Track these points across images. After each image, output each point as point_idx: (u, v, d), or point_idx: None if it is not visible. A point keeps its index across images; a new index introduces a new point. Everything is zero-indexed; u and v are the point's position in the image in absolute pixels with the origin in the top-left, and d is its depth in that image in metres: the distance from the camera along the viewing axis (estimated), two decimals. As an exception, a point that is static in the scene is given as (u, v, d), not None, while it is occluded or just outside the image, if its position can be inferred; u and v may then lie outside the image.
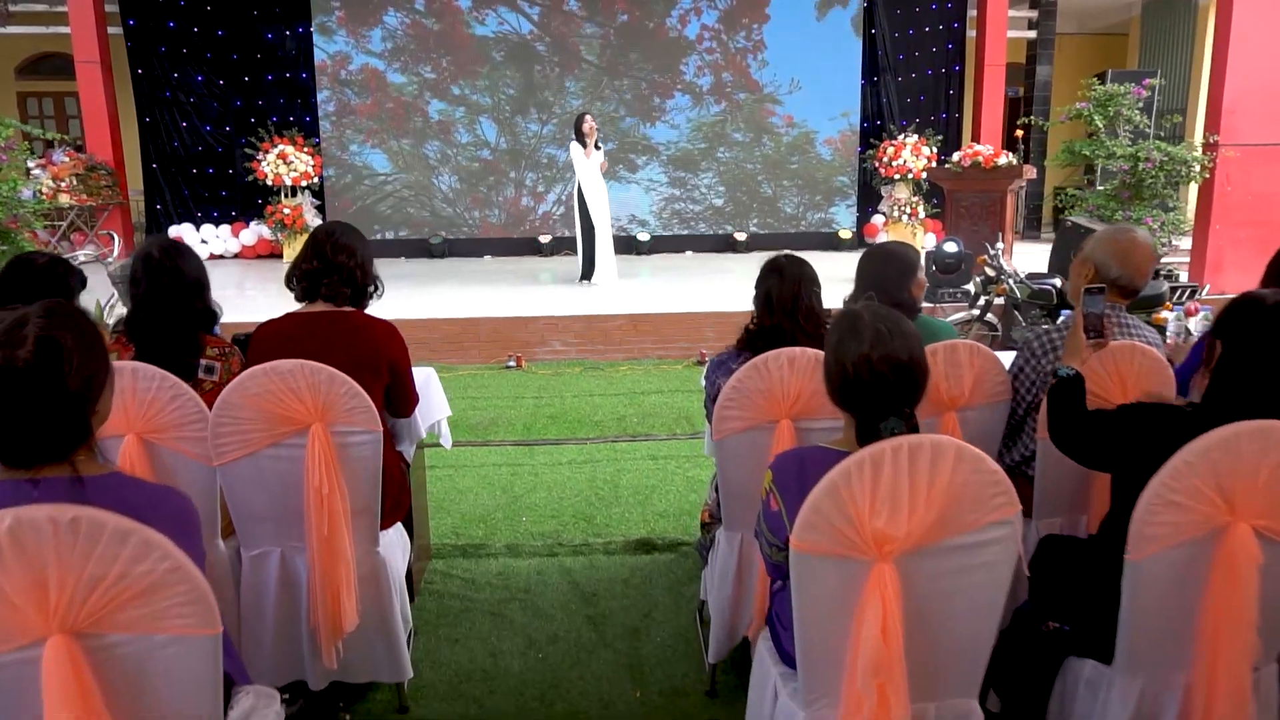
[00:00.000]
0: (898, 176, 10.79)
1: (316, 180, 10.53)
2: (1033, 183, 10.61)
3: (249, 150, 10.32)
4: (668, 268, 10.04)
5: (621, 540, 3.49)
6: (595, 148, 8.07)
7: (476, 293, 8.16)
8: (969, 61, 11.65)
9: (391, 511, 2.47)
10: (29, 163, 9.52)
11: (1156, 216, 7.71)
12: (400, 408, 2.61)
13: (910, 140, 10.77)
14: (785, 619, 1.70)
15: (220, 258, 10.92)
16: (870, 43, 11.49)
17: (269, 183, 10.15)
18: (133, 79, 10.85)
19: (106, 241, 8.96)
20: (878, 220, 11.37)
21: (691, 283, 8.82)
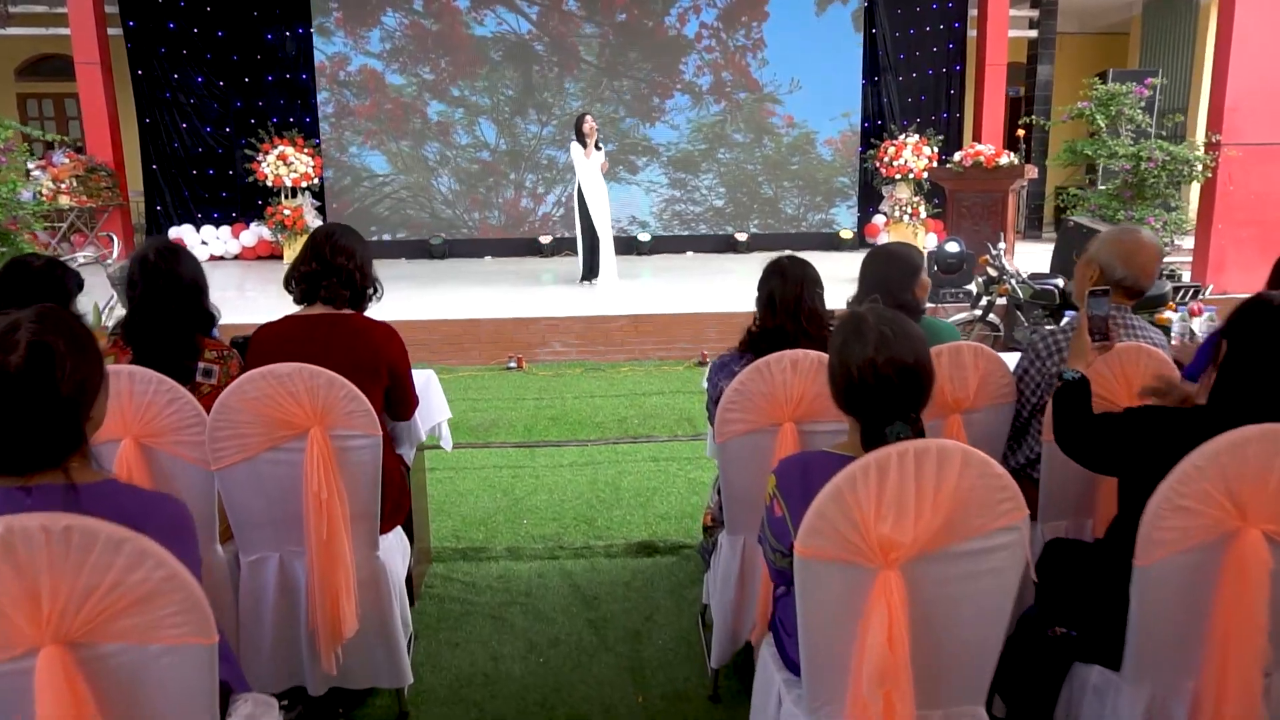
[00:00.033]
0: (899, 176, 10.77)
1: (317, 181, 10.52)
2: (1034, 182, 10.59)
3: (249, 151, 10.31)
4: (668, 268, 10.02)
5: (623, 543, 3.47)
6: (596, 148, 8.04)
7: (477, 294, 8.15)
8: (970, 61, 11.63)
9: (391, 515, 2.45)
10: (29, 164, 9.51)
11: (1159, 216, 7.69)
12: (400, 411, 2.60)
13: (911, 140, 10.74)
14: (789, 625, 1.68)
15: (220, 259, 10.92)
16: (871, 42, 11.48)
17: (269, 184, 10.14)
18: (133, 80, 10.84)
19: (106, 243, 8.95)
20: (879, 220, 11.35)
21: (692, 283, 8.80)
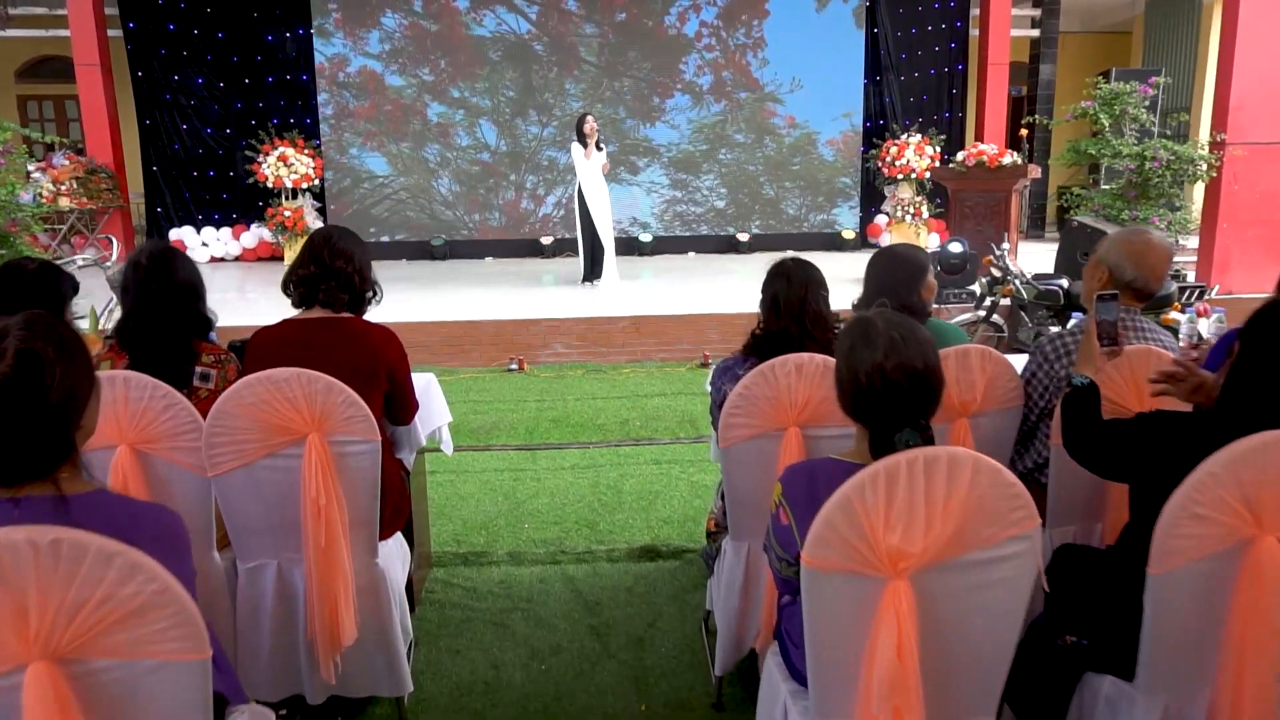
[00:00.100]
0: (901, 176, 10.73)
1: (317, 183, 10.50)
2: (1036, 182, 10.55)
3: (249, 153, 10.28)
4: (670, 269, 9.99)
5: (625, 547, 3.44)
6: (597, 149, 8.01)
7: (478, 295, 8.12)
8: (972, 60, 11.59)
9: (391, 521, 2.42)
10: (29, 166, 9.49)
11: (1163, 216, 7.65)
12: (400, 415, 2.57)
13: (914, 140, 10.71)
14: (795, 635, 1.65)
15: (221, 260, 10.91)
16: (872, 42, 11.44)
17: (269, 185, 10.12)
18: (133, 81, 10.82)
19: (106, 245, 8.93)
20: (881, 220, 11.32)
21: (694, 284, 8.76)
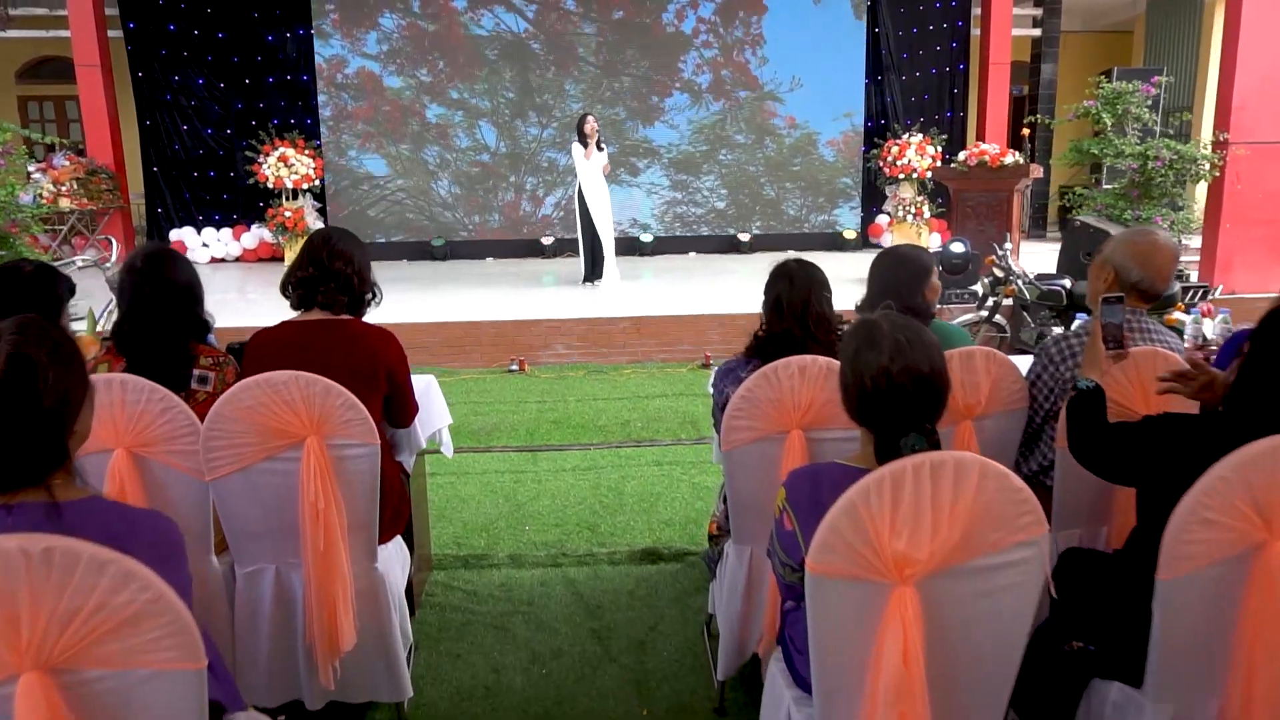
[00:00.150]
0: (902, 176, 10.71)
1: (318, 183, 10.48)
2: (1037, 182, 10.52)
3: (250, 153, 10.27)
4: (671, 269, 9.97)
5: (626, 550, 3.42)
6: (598, 149, 7.99)
7: (478, 295, 8.10)
8: (973, 60, 11.56)
9: (390, 524, 2.40)
10: (29, 166, 9.47)
11: (1166, 215, 7.62)
12: (399, 418, 2.55)
13: (915, 139, 10.69)
14: (799, 642, 1.63)
15: (221, 261, 10.90)
16: (873, 41, 11.42)
17: (270, 186, 10.11)
18: (133, 82, 10.81)
19: (106, 246, 8.91)
20: (882, 220, 11.30)
21: (695, 284, 8.74)
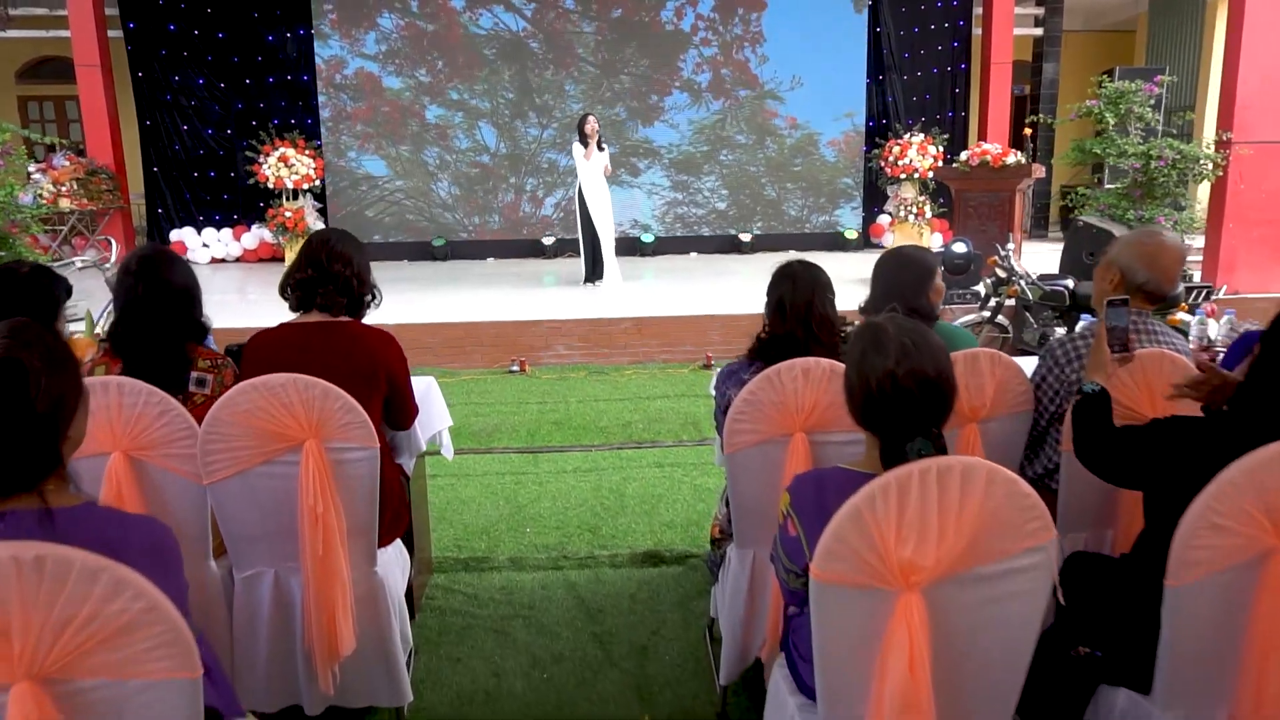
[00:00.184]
0: (904, 176, 10.68)
1: (318, 183, 10.46)
2: (1039, 182, 10.50)
3: (250, 154, 10.25)
4: (672, 269, 9.95)
5: (628, 552, 3.40)
6: (598, 149, 7.97)
7: (479, 296, 8.08)
8: (975, 59, 11.54)
9: (390, 528, 2.39)
10: (29, 167, 9.46)
11: (1169, 215, 7.59)
12: (399, 420, 2.53)
13: (916, 139, 10.66)
14: (804, 649, 1.61)
15: (222, 262, 10.88)
16: (875, 41, 11.39)
17: (270, 186, 10.09)
18: (133, 82, 10.79)
19: (106, 247, 8.89)
20: (883, 220, 11.27)
21: (697, 284, 8.72)
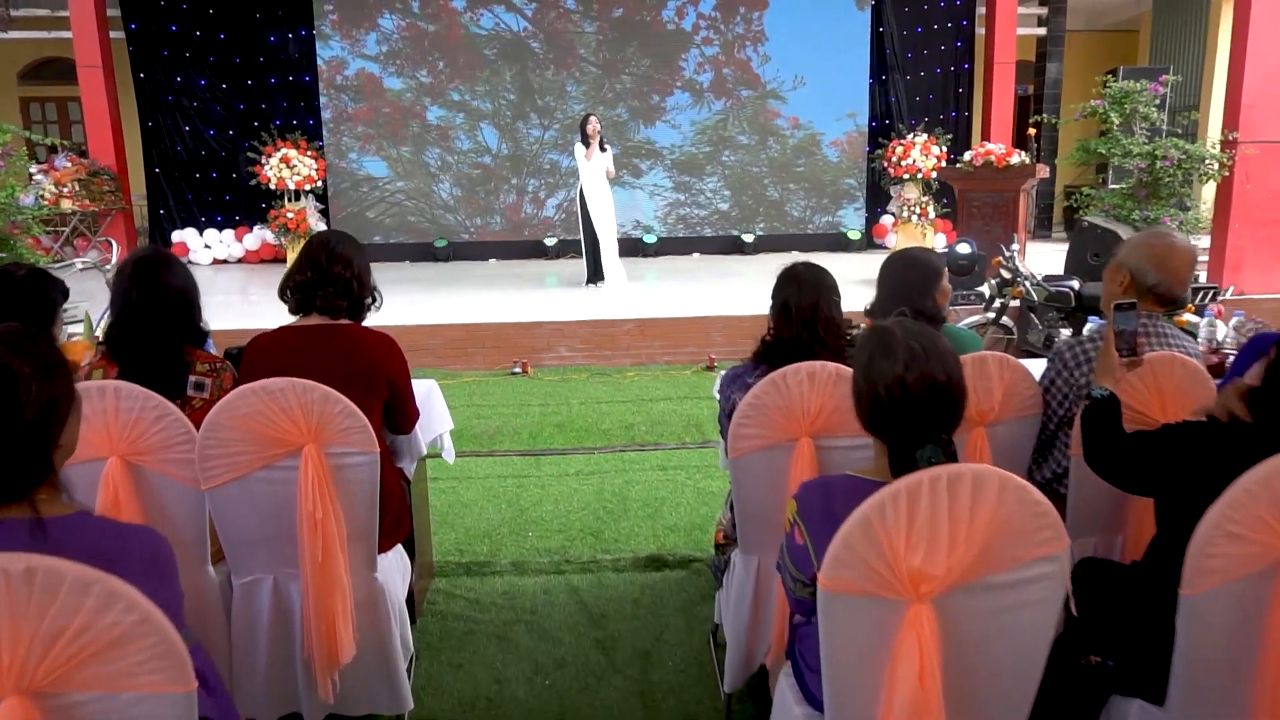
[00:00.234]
0: (907, 176, 10.65)
1: (321, 184, 10.45)
2: (1042, 182, 10.46)
3: (252, 154, 10.24)
4: (675, 270, 9.92)
5: (631, 556, 3.37)
6: (600, 149, 7.94)
7: (481, 297, 8.06)
8: (978, 59, 11.50)
9: (390, 533, 2.36)
10: (31, 168, 9.45)
11: (1174, 215, 7.56)
12: (400, 424, 2.50)
13: (920, 139, 10.63)
14: (810, 658, 1.58)
15: (224, 263, 10.87)
16: (878, 41, 11.37)
17: (272, 187, 10.07)
18: (135, 83, 10.79)
19: (107, 248, 8.88)
20: (886, 221, 11.24)
21: (699, 285, 8.69)
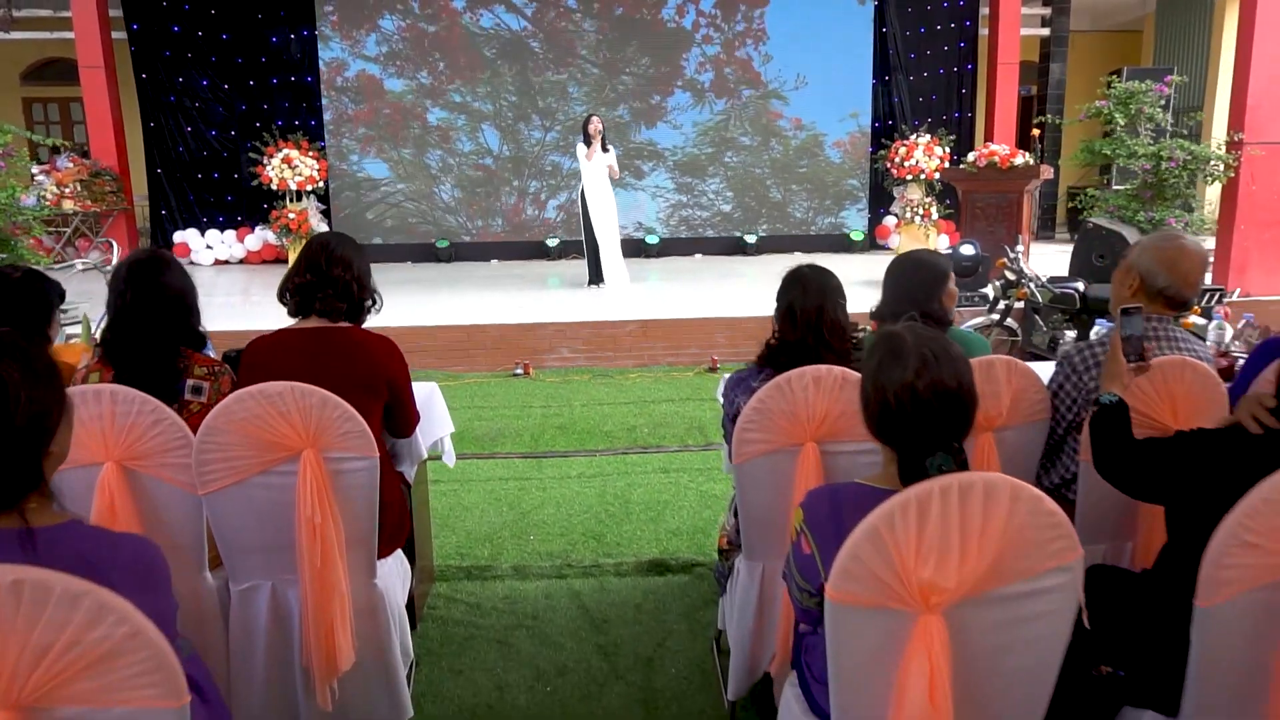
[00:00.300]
0: (910, 177, 10.62)
1: (322, 185, 10.43)
2: (1045, 183, 10.43)
3: (254, 155, 10.22)
4: (677, 271, 9.89)
5: (633, 560, 3.34)
6: (603, 150, 7.91)
7: (482, 298, 8.03)
8: (981, 60, 11.47)
9: (390, 538, 2.33)
10: (33, 168, 9.43)
11: (1179, 217, 7.52)
12: (400, 428, 2.48)
13: (923, 140, 10.59)
14: (817, 669, 1.55)
15: (225, 263, 10.85)
16: (881, 41, 11.34)
17: (274, 188, 10.06)
18: (137, 84, 10.77)
19: (108, 249, 8.86)
20: (890, 222, 11.20)
21: (702, 286, 8.66)
